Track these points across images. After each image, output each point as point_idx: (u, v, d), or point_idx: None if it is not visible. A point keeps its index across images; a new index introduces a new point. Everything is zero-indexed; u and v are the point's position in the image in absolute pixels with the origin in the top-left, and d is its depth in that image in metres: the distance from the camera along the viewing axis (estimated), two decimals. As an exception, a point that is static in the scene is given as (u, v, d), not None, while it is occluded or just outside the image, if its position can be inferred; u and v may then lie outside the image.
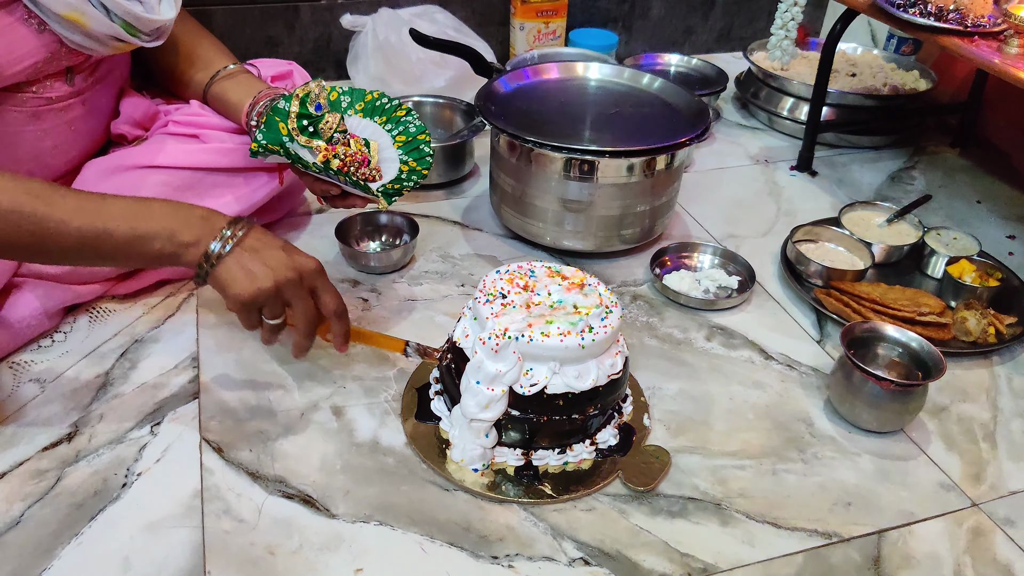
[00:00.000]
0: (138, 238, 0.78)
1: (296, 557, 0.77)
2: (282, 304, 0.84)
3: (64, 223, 0.76)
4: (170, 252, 0.80)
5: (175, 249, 0.80)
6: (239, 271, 0.80)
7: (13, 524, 0.79)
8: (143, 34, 0.97)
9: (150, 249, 0.79)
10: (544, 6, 1.74)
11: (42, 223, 0.75)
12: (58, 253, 0.79)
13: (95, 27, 0.91)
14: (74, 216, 0.76)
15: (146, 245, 0.79)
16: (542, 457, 0.86)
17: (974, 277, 1.13)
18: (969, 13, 1.17)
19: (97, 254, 0.79)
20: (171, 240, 0.79)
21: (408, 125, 1.07)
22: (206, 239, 0.80)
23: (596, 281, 0.90)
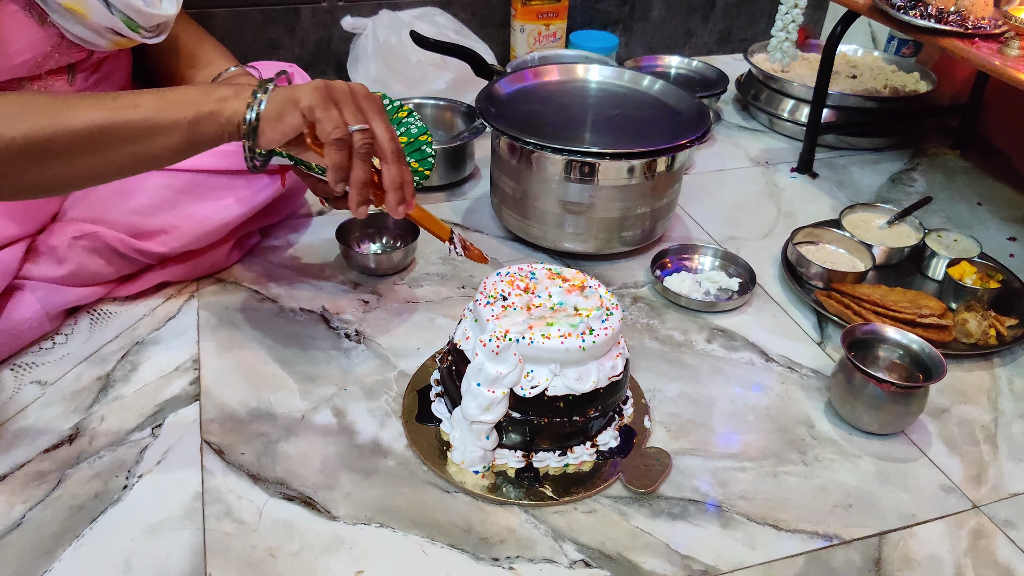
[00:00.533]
0: (170, 104, 0.75)
1: (297, 559, 0.77)
2: (359, 111, 0.77)
3: (81, 106, 0.72)
4: (208, 111, 0.75)
5: (213, 105, 0.75)
6: (294, 87, 0.76)
7: (14, 526, 0.79)
8: (143, 29, 0.97)
9: (182, 115, 0.74)
10: (544, 8, 1.74)
11: (56, 107, 0.72)
12: (72, 142, 0.72)
13: (96, 19, 0.91)
14: (93, 100, 0.73)
15: (179, 111, 0.74)
16: (543, 459, 0.86)
17: (975, 279, 1.13)
18: (969, 15, 1.17)
19: (119, 137, 0.73)
20: (207, 97, 0.75)
21: (410, 126, 1.07)
22: (243, 90, 0.76)
23: (597, 283, 0.90)
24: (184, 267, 1.10)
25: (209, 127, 0.76)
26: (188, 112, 0.74)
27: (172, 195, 1.05)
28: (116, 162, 0.75)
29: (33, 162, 0.71)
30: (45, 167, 0.73)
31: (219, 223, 1.08)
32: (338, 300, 1.11)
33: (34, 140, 0.70)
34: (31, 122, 0.70)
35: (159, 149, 0.76)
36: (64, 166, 0.73)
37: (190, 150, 0.77)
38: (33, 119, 0.70)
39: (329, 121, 0.74)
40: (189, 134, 0.75)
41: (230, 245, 1.13)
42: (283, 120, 0.75)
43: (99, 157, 0.74)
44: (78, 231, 1.01)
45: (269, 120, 0.76)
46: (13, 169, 0.71)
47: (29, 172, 0.72)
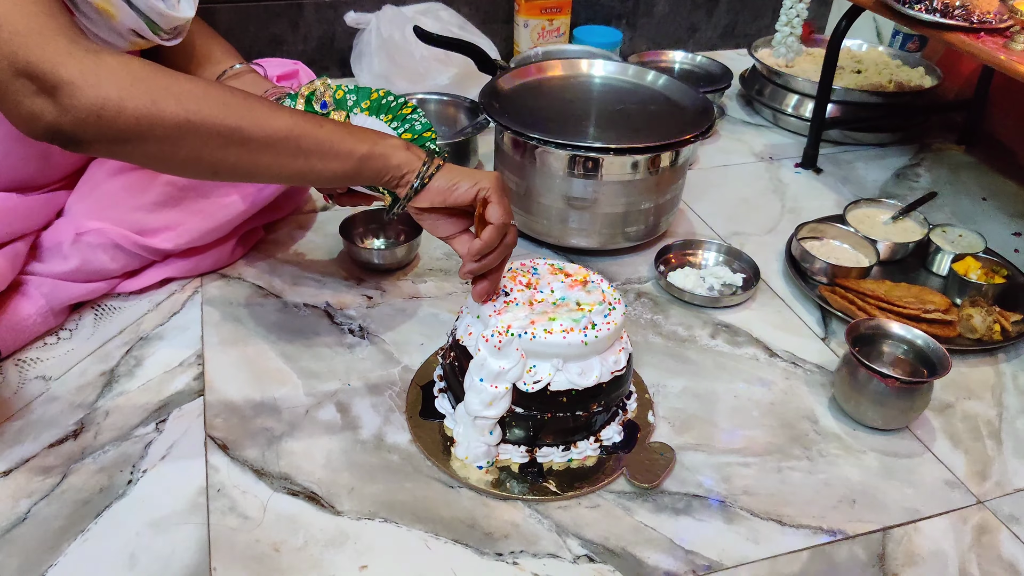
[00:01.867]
0: (351, 134, 0.80)
1: (301, 554, 0.77)
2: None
3: (277, 111, 0.77)
4: (380, 152, 0.80)
5: (386, 150, 0.80)
6: (472, 172, 0.82)
7: (19, 521, 0.79)
8: (163, 32, 0.97)
9: (358, 147, 0.79)
10: (548, 3, 1.74)
11: (257, 105, 0.76)
12: (263, 138, 0.76)
13: (123, 20, 0.91)
14: (288, 110, 0.78)
15: (356, 142, 0.79)
16: (546, 454, 0.86)
17: (980, 274, 1.12)
18: (975, 9, 1.17)
19: (299, 147, 0.77)
20: (383, 141, 0.81)
21: (414, 122, 1.07)
22: (416, 148, 0.82)
23: (599, 278, 0.90)
24: (188, 263, 1.10)
25: (375, 165, 0.80)
26: (364, 147, 0.79)
27: (176, 192, 1.05)
28: (287, 169, 0.79)
29: (222, 144, 0.75)
30: (229, 152, 0.76)
31: (223, 219, 1.08)
32: (342, 296, 1.11)
33: (234, 127, 0.74)
34: (235, 111, 0.74)
35: (327, 170, 0.80)
36: (247, 157, 0.77)
37: (349, 180, 0.83)
38: (237, 109, 0.75)
39: (503, 208, 0.81)
40: (357, 164, 0.80)
41: (234, 241, 1.14)
42: (453, 191, 0.81)
43: (277, 160, 0.78)
44: (83, 227, 1.01)
45: (438, 187, 0.81)
46: (208, 147, 0.74)
47: (218, 152, 0.75)
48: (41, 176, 1.03)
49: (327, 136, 0.78)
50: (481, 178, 0.81)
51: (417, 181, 0.81)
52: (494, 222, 0.80)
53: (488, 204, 0.81)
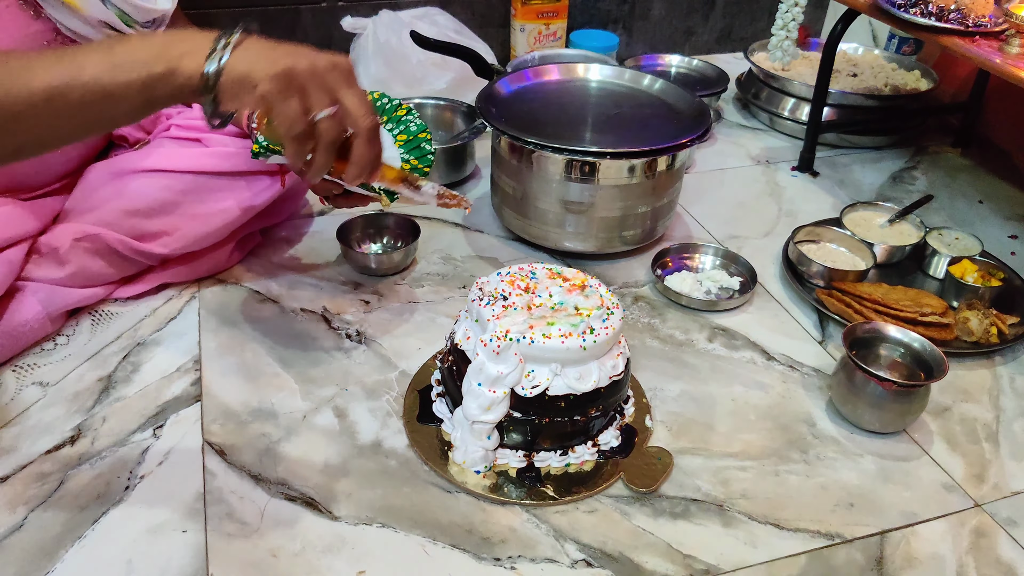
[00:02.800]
0: (118, 66, 0.65)
1: (299, 559, 0.77)
2: (326, 92, 0.69)
3: (30, 67, 0.64)
4: (162, 70, 0.66)
5: (167, 64, 0.66)
6: (256, 54, 0.67)
7: (16, 527, 0.79)
8: (138, 24, 0.97)
9: (133, 77, 0.65)
10: (545, 7, 1.74)
11: (14, 86, 0.63)
12: (25, 105, 0.64)
13: (91, 12, 0.91)
14: (50, 60, 0.65)
15: (128, 72, 0.65)
16: (544, 459, 0.86)
17: (976, 277, 1.13)
18: (970, 13, 1.17)
19: (70, 100, 0.65)
20: (162, 54, 0.66)
21: (409, 124, 1.07)
22: (203, 44, 0.67)
23: (597, 283, 0.90)
24: (185, 268, 1.10)
25: (164, 89, 0.66)
26: (139, 73, 0.65)
27: (173, 196, 1.05)
28: (70, 127, 0.67)
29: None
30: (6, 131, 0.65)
31: (220, 224, 1.08)
32: (339, 300, 1.11)
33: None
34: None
35: (113, 113, 0.67)
36: (24, 129, 0.66)
37: (147, 111, 0.69)
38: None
39: (286, 116, 0.67)
40: (141, 98, 0.66)
41: (231, 246, 1.14)
42: (239, 99, 0.67)
43: (54, 121, 0.66)
44: (79, 232, 1.01)
45: (229, 92, 0.67)
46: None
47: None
48: (36, 177, 1.03)
49: (92, 78, 0.64)
50: (259, 79, 0.66)
51: (205, 91, 0.66)
52: (284, 134, 0.68)
53: (273, 115, 0.67)
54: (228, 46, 0.67)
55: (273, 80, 0.66)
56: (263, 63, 0.66)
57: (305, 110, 0.68)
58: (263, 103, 0.66)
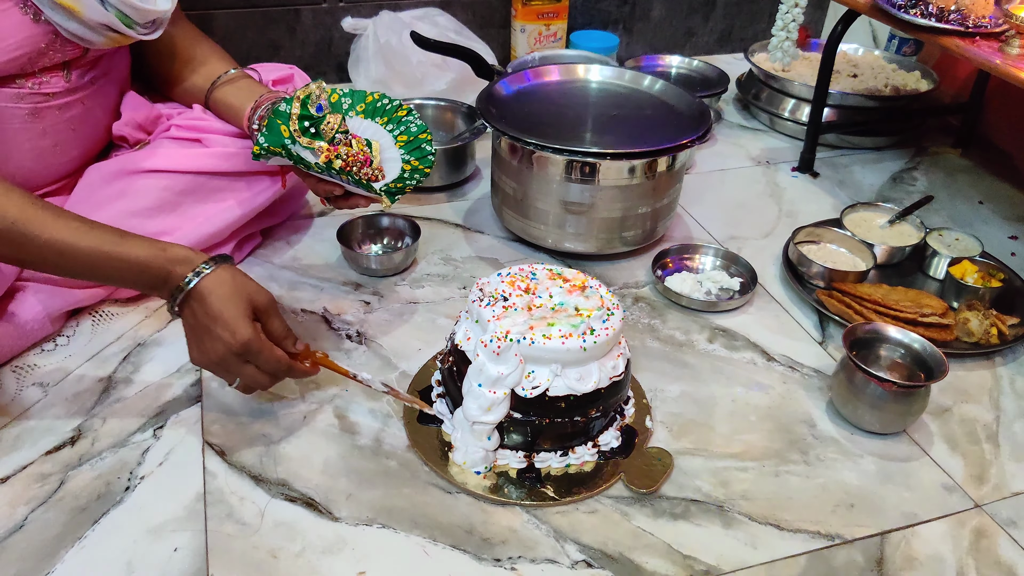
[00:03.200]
0: (116, 282, 0.86)
1: (299, 560, 0.77)
2: (241, 369, 0.84)
3: (39, 255, 0.80)
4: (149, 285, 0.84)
5: (146, 290, 0.85)
6: (193, 337, 0.84)
7: (16, 528, 0.79)
8: (138, 25, 0.97)
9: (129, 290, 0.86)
10: (545, 8, 1.74)
11: (19, 250, 0.79)
12: (42, 271, 0.84)
13: (89, 15, 0.91)
14: (48, 252, 0.79)
15: (125, 288, 0.88)
16: (544, 459, 0.86)
17: (976, 278, 1.13)
18: (970, 14, 1.17)
19: (77, 278, 0.85)
20: (143, 291, 0.86)
21: (409, 125, 1.07)
22: (162, 296, 0.84)
23: (598, 283, 0.90)
24: (185, 269, 1.10)
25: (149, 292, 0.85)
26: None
27: (173, 197, 1.05)
28: (70, 275, 0.84)
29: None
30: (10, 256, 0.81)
31: (220, 225, 1.08)
32: (339, 301, 1.11)
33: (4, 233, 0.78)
34: (4, 213, 0.77)
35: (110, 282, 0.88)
36: (27, 263, 0.83)
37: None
38: (5, 213, 0.77)
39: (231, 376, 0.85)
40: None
41: (231, 246, 1.13)
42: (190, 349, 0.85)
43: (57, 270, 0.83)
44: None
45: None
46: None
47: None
48: (35, 177, 1.03)
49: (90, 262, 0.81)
50: (193, 355, 0.84)
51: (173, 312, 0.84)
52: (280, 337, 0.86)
53: (268, 329, 0.85)
54: (175, 307, 0.84)
55: (201, 365, 0.85)
56: (192, 352, 0.85)
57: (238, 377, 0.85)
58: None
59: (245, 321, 0.81)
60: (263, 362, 0.83)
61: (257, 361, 0.83)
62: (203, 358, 0.83)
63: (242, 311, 0.81)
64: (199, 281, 0.81)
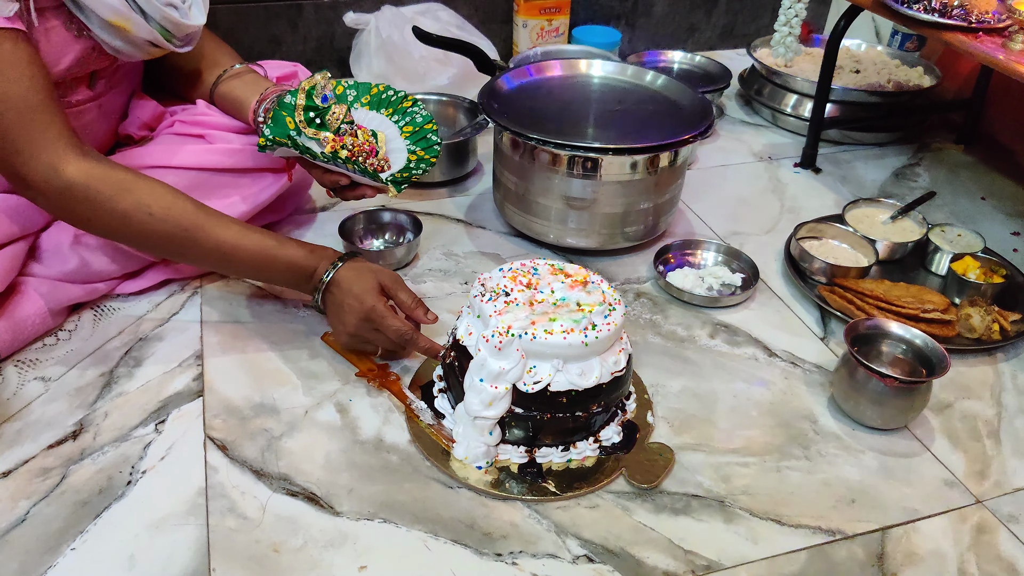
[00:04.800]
0: (268, 281, 1.04)
1: (300, 554, 0.77)
2: (376, 335, 0.95)
3: (202, 258, 0.96)
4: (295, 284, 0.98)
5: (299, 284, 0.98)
6: (333, 317, 0.97)
7: (19, 522, 0.79)
8: (176, 40, 0.98)
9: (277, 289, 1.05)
10: (547, 3, 1.74)
11: (184, 254, 0.95)
12: (193, 266, 1.04)
13: (137, 33, 0.93)
14: (211, 256, 0.94)
15: (273, 286, 1.07)
16: (546, 454, 0.86)
17: (978, 274, 1.13)
18: (973, 9, 1.17)
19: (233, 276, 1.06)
20: (291, 291, 1.05)
21: (415, 115, 1.07)
22: (307, 293, 0.99)
23: (599, 279, 0.90)
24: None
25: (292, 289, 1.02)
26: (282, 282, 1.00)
27: (176, 193, 1.06)
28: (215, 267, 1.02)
29: (172, 248, 0.94)
30: (176, 255, 0.98)
31: (225, 220, 1.08)
32: (341, 296, 1.11)
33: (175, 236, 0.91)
34: (179, 221, 0.91)
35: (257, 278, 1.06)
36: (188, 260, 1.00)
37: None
38: (180, 220, 0.91)
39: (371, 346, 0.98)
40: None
41: (234, 242, 1.14)
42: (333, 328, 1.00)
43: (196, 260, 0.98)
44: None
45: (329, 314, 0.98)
46: (155, 245, 0.94)
47: (170, 251, 0.96)
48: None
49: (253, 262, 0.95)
50: (339, 333, 0.97)
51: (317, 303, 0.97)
52: (410, 306, 0.97)
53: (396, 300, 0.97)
54: (320, 295, 0.97)
55: (350, 338, 0.97)
56: (335, 328, 0.99)
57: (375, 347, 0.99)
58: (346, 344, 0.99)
59: (372, 294, 0.94)
60: (386, 327, 0.93)
61: (382, 326, 0.93)
62: (342, 333, 0.96)
63: (369, 287, 0.94)
64: (335, 272, 0.95)
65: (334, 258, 0.96)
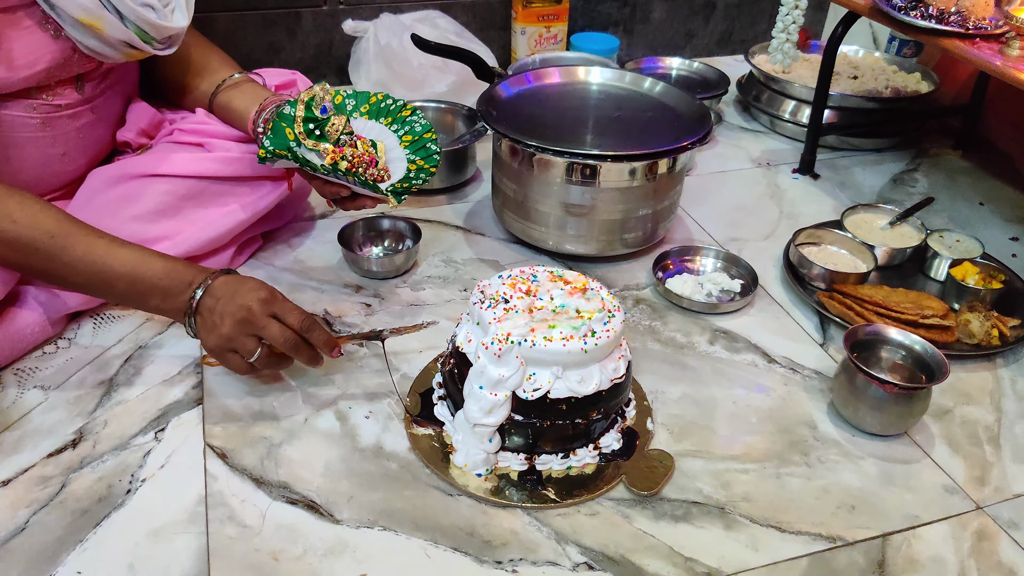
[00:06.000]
0: (136, 296, 0.90)
1: (300, 563, 0.77)
2: (250, 340, 0.87)
3: (71, 268, 0.86)
4: (163, 311, 0.91)
5: (166, 311, 0.91)
6: (201, 324, 0.88)
7: (18, 531, 0.79)
8: (156, 42, 0.98)
9: (147, 306, 0.91)
10: (545, 10, 1.74)
11: (52, 263, 0.86)
12: (62, 286, 0.94)
13: (111, 33, 0.92)
14: (80, 265, 0.86)
15: (142, 303, 0.91)
16: (545, 462, 0.86)
17: (977, 279, 1.13)
18: (970, 15, 1.17)
19: (101, 297, 0.94)
20: (163, 302, 0.90)
21: (414, 124, 1.07)
22: (183, 299, 0.89)
23: (599, 285, 0.90)
24: (187, 272, 1.10)
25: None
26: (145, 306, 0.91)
27: (176, 201, 1.05)
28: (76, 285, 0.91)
29: (38, 259, 0.87)
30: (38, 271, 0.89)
31: (223, 229, 1.08)
32: (340, 303, 1.11)
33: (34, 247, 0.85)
34: (46, 228, 0.85)
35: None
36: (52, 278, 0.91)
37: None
38: (47, 227, 0.85)
39: (241, 349, 0.88)
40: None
41: (233, 249, 1.14)
42: (202, 338, 0.90)
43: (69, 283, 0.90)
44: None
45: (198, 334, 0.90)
46: (19, 256, 0.87)
47: (35, 263, 0.88)
48: (40, 184, 1.03)
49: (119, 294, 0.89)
50: (205, 342, 0.89)
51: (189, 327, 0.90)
52: (302, 328, 0.88)
53: (283, 318, 0.88)
54: (192, 306, 0.89)
55: (208, 351, 0.90)
56: (203, 335, 0.89)
57: (242, 362, 0.89)
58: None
59: (255, 295, 0.87)
60: (288, 311, 0.88)
61: (283, 311, 0.87)
62: (221, 338, 0.87)
63: (254, 290, 0.88)
64: (217, 279, 0.89)
65: (214, 270, 0.91)
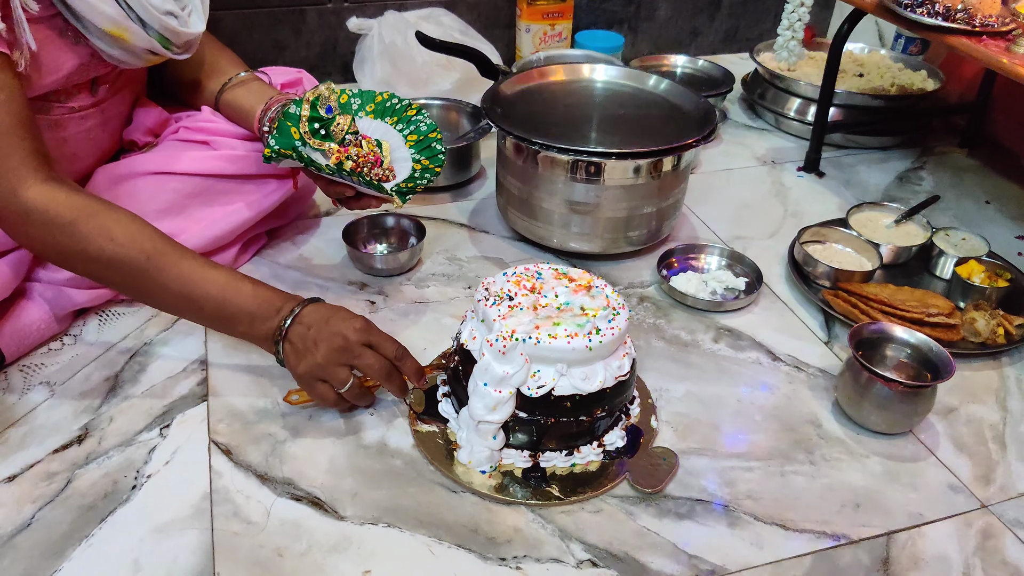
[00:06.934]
0: (224, 320, 0.88)
1: (305, 559, 0.77)
2: (343, 370, 0.86)
3: (164, 289, 0.86)
4: (250, 336, 0.89)
5: (253, 336, 0.89)
6: (291, 352, 0.87)
7: (24, 526, 0.79)
8: (175, 47, 0.99)
9: (234, 331, 0.89)
10: (550, 8, 1.74)
11: (145, 283, 0.86)
12: (148, 303, 0.95)
13: (135, 42, 0.93)
14: (173, 285, 0.86)
15: (230, 327, 0.89)
16: (549, 459, 0.86)
17: (983, 278, 1.12)
18: (977, 12, 1.17)
19: (188, 318, 0.92)
20: (251, 327, 0.88)
21: (419, 124, 1.07)
22: (272, 325, 0.87)
23: (603, 283, 0.90)
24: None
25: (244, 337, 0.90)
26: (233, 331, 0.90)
27: (181, 199, 1.06)
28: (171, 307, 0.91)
29: (132, 279, 0.87)
30: (137, 292, 0.91)
31: (228, 227, 1.08)
32: (345, 301, 1.11)
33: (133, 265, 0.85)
34: (142, 247, 0.85)
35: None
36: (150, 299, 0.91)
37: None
38: (143, 247, 0.85)
39: (333, 380, 0.87)
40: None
41: (238, 247, 1.14)
42: (289, 365, 0.89)
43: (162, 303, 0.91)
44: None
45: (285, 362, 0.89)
46: (114, 274, 0.86)
47: (129, 282, 0.87)
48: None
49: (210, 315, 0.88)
50: (296, 375, 0.88)
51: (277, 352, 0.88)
52: (396, 357, 0.88)
53: (377, 347, 0.87)
54: (281, 331, 0.88)
55: (296, 379, 0.89)
56: (291, 361, 0.88)
57: (333, 393, 0.88)
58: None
59: (351, 324, 0.86)
60: (383, 340, 0.87)
61: (378, 340, 0.87)
62: (315, 366, 0.86)
63: (348, 319, 0.87)
64: (306, 306, 0.88)
65: (302, 298, 0.90)
